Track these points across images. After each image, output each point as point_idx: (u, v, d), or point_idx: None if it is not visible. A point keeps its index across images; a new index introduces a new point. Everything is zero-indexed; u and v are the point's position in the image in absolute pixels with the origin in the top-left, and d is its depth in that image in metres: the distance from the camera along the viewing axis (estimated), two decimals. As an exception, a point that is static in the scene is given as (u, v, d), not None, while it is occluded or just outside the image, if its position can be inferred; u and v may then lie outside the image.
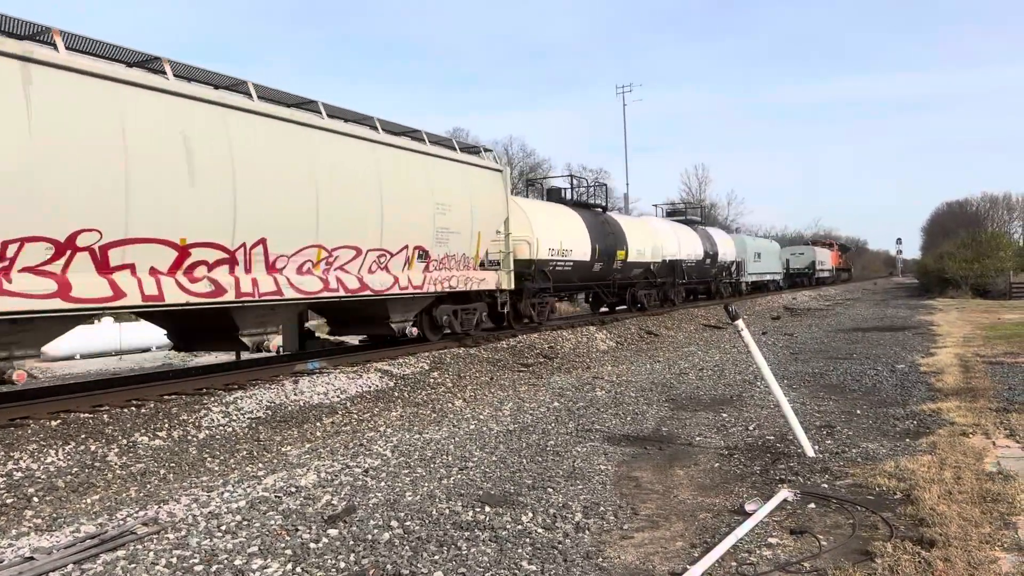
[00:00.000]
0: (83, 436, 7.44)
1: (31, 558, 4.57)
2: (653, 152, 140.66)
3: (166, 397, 9.19)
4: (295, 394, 9.72)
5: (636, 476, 6.13)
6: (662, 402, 9.55)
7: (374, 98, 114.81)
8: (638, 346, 17.41)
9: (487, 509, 5.27)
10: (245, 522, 5.12)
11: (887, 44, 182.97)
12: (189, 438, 7.82)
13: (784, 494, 5.38)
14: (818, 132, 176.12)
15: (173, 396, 9.26)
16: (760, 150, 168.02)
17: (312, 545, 4.65)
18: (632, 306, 23.79)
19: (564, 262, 18.77)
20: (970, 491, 5.23)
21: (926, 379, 10.71)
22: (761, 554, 4.34)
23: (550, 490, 5.73)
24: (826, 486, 5.64)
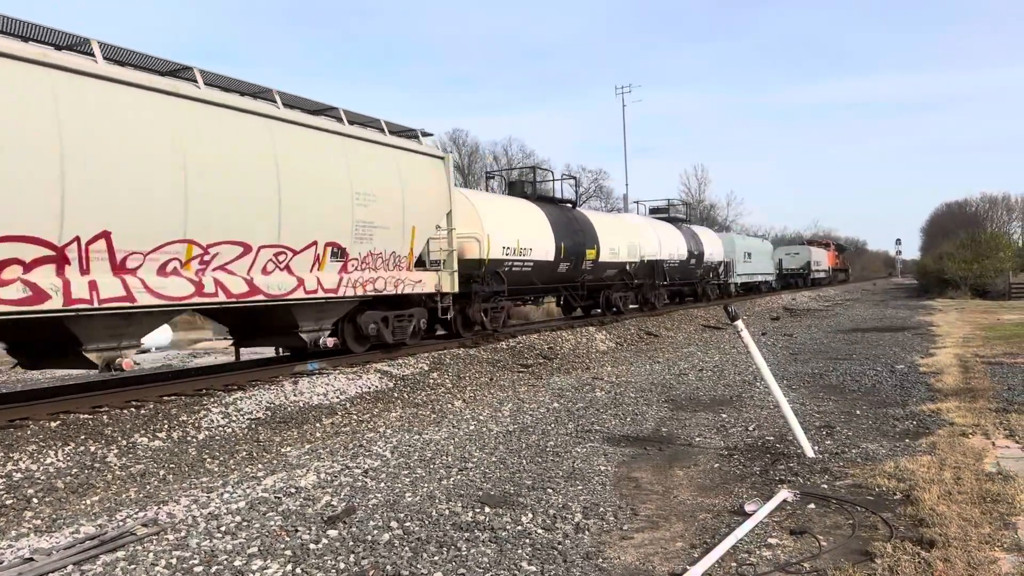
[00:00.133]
0: (83, 437, 7.44)
1: (31, 559, 4.56)
2: (653, 153, 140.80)
3: (165, 398, 9.19)
4: (295, 395, 9.71)
5: (636, 477, 6.13)
6: (662, 403, 9.55)
7: (374, 99, 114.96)
8: (638, 347, 17.41)
9: (487, 510, 5.27)
10: (245, 523, 5.12)
11: (887, 45, 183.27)
12: (189, 439, 7.82)
13: (784, 494, 5.38)
14: (818, 133, 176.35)
15: (173, 397, 9.26)
16: (760, 151, 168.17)
17: (312, 546, 4.64)
18: (606, 310, 22.11)
19: (522, 262, 17.04)
20: (970, 491, 5.23)
21: (926, 379, 10.71)
22: (761, 554, 4.34)
23: (550, 491, 5.73)
24: (826, 486, 5.64)
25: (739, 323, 6.74)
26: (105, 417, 8.08)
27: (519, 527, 4.92)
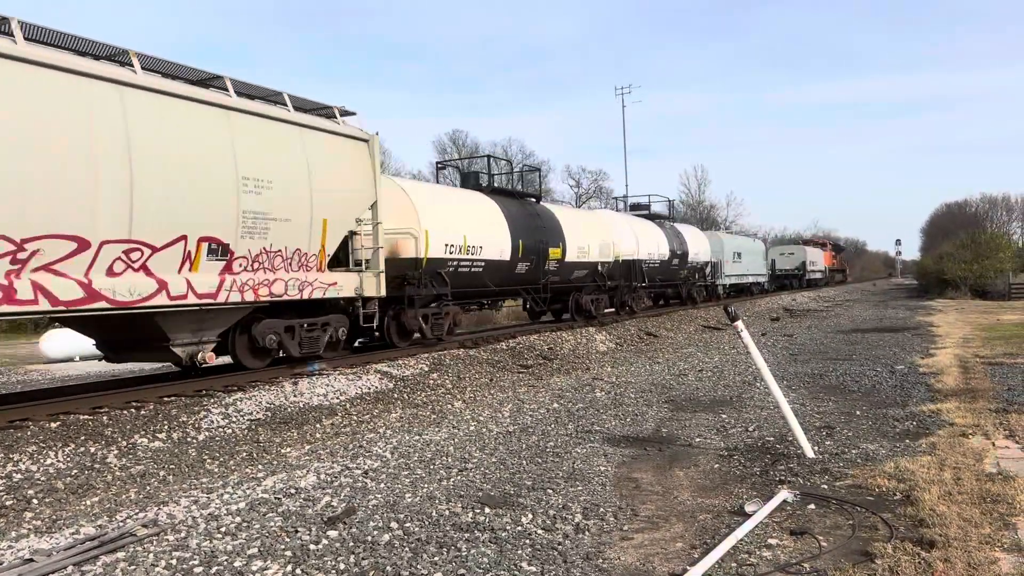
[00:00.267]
0: (83, 438, 7.44)
1: (31, 560, 4.56)
2: (652, 153, 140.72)
3: (165, 399, 9.18)
4: (294, 396, 9.72)
5: (636, 477, 6.13)
6: (662, 403, 9.55)
7: (374, 100, 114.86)
8: (637, 347, 17.41)
9: (487, 510, 5.27)
10: (245, 523, 5.13)
11: (887, 45, 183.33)
12: (189, 440, 7.82)
13: (784, 495, 5.38)
14: (818, 133, 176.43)
15: (172, 398, 9.26)
16: (759, 151, 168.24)
17: (312, 547, 4.65)
18: (576, 314, 20.13)
19: (470, 262, 15.16)
20: (970, 492, 5.24)
21: (925, 380, 10.71)
22: (761, 555, 4.34)
23: (550, 491, 5.73)
24: (826, 487, 5.64)
25: (739, 323, 6.74)
26: (105, 418, 8.08)
27: (519, 528, 4.92)
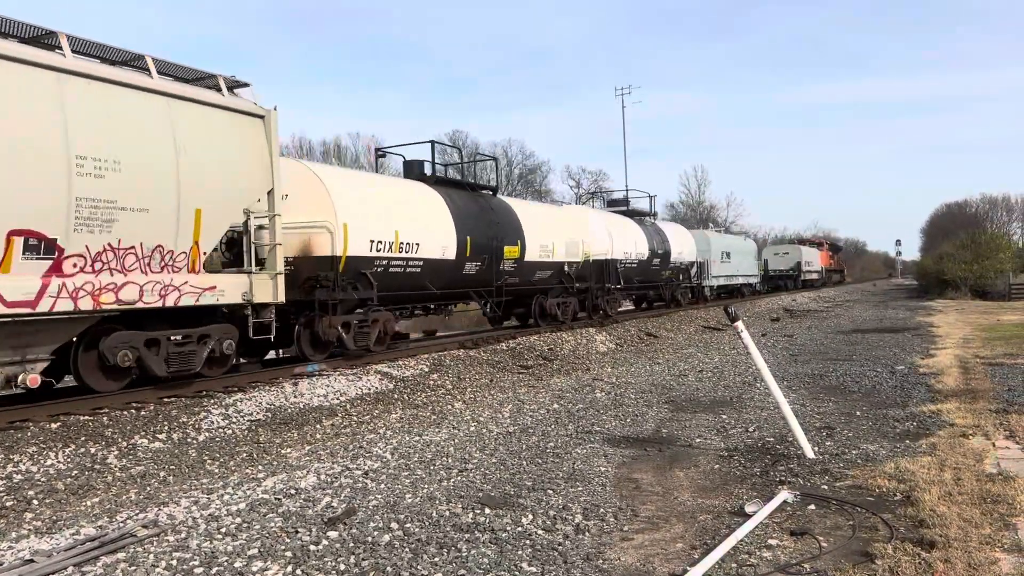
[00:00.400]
0: (83, 438, 7.44)
1: (31, 560, 4.56)
2: (653, 154, 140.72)
3: (166, 400, 9.18)
4: (295, 396, 9.72)
5: (636, 478, 6.13)
6: (662, 404, 9.55)
7: (374, 101, 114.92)
8: (638, 348, 17.41)
9: (487, 511, 5.27)
10: (245, 524, 5.13)
11: (887, 46, 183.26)
12: (189, 440, 7.82)
13: (784, 495, 5.39)
14: (818, 134, 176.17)
15: (173, 399, 9.26)
16: (760, 152, 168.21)
17: (312, 547, 4.65)
18: (540, 319, 18.35)
19: (404, 261, 13.25)
20: (970, 492, 5.24)
21: (926, 380, 10.72)
22: (761, 555, 4.34)
23: (550, 492, 5.73)
24: (826, 487, 5.64)
25: (739, 324, 6.74)
26: (105, 419, 8.08)
27: (519, 528, 4.92)
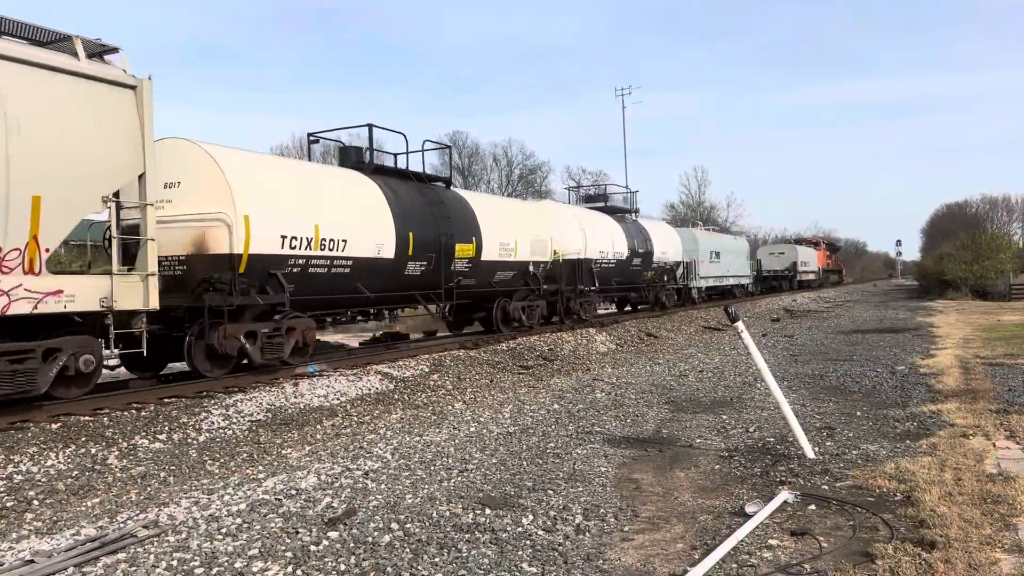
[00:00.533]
0: (83, 439, 7.44)
1: (31, 561, 4.57)
2: (653, 155, 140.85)
3: (166, 400, 9.18)
4: (295, 397, 9.72)
5: (636, 478, 6.13)
6: (662, 404, 9.55)
7: (374, 101, 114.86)
8: (638, 348, 17.41)
9: (487, 511, 5.27)
10: (245, 524, 5.13)
11: (887, 46, 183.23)
12: (189, 441, 7.82)
13: (784, 496, 5.38)
14: (818, 134, 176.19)
15: (173, 399, 9.26)
16: (760, 152, 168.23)
17: (312, 547, 4.65)
18: (503, 325, 16.65)
19: (327, 260, 11.57)
20: (970, 492, 5.24)
21: (926, 381, 10.72)
22: (762, 555, 4.34)
23: (550, 492, 5.73)
24: (826, 488, 5.64)
25: (740, 324, 6.75)
26: (106, 419, 8.08)
27: (520, 528, 4.92)
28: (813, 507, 5.19)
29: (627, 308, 26.40)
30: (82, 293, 8.27)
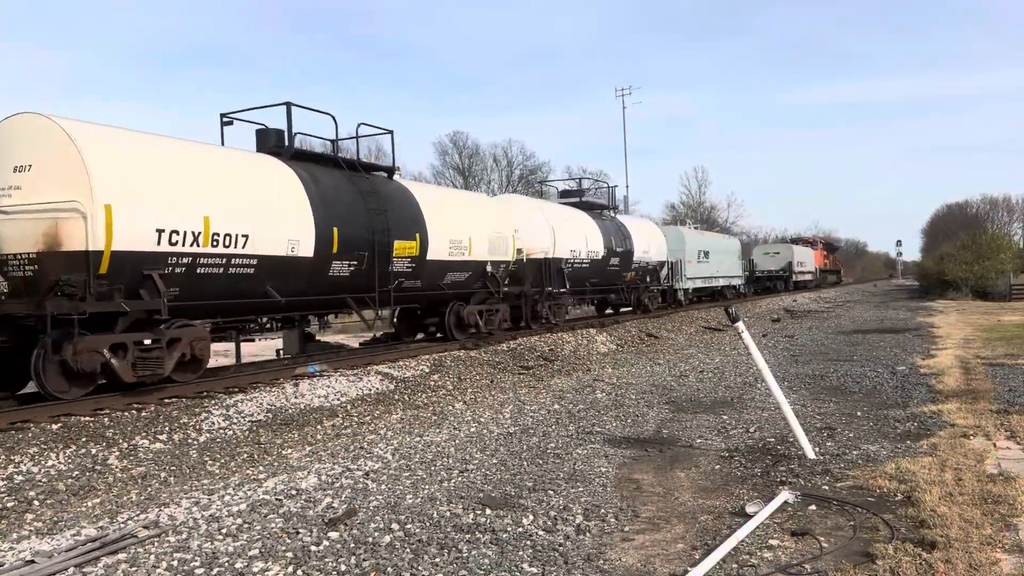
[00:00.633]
0: (84, 439, 7.45)
1: (32, 561, 4.57)
2: (653, 155, 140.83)
3: (166, 400, 9.19)
4: (295, 397, 9.72)
5: (637, 478, 6.13)
6: (662, 404, 9.55)
7: (374, 101, 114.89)
8: (638, 348, 17.41)
9: (488, 511, 5.27)
10: (246, 525, 5.13)
11: (888, 47, 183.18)
12: (190, 441, 7.83)
13: (785, 496, 5.38)
14: (818, 135, 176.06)
15: (173, 399, 9.26)
16: (760, 152, 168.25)
17: (313, 548, 4.65)
18: (455, 331, 15.08)
19: (224, 259, 9.95)
20: (971, 493, 5.23)
21: (926, 381, 10.71)
22: (762, 556, 4.34)
23: (551, 492, 5.73)
24: (827, 488, 5.64)
25: (740, 325, 6.75)
26: (106, 419, 8.08)
27: (520, 529, 4.92)
28: (813, 507, 5.18)
29: (608, 311, 24.72)
30: None
